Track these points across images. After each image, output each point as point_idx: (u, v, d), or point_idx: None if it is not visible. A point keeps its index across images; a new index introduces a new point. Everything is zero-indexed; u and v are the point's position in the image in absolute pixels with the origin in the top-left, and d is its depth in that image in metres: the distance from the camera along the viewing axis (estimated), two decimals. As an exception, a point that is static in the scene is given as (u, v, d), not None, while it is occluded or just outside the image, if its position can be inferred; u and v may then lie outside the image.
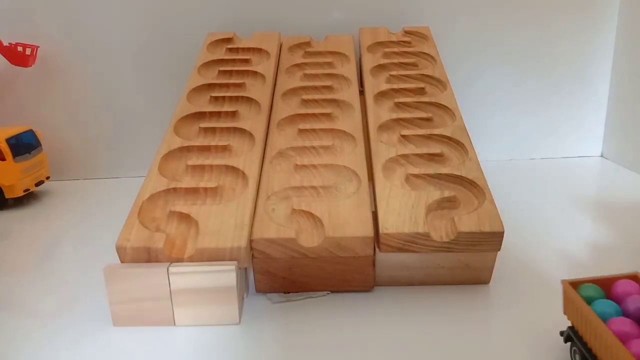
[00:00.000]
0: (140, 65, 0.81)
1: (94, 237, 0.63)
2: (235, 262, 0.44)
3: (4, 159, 0.70)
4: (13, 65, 0.78)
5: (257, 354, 0.42)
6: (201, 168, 0.54)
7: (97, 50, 0.80)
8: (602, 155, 0.86)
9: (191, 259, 0.45)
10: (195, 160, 0.55)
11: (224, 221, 0.47)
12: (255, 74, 0.69)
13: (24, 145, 0.74)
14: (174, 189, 0.51)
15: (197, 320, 0.45)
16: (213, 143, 0.57)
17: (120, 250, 0.45)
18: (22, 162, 0.72)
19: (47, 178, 0.78)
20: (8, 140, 0.71)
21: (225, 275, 0.44)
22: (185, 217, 0.48)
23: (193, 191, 0.51)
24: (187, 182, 0.52)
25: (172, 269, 0.43)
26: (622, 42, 0.80)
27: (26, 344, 0.44)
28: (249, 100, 0.65)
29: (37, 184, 0.76)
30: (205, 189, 0.51)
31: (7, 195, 0.72)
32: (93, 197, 0.79)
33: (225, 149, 0.57)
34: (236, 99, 0.65)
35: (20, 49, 0.77)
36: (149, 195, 0.50)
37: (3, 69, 0.80)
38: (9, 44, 0.77)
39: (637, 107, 0.78)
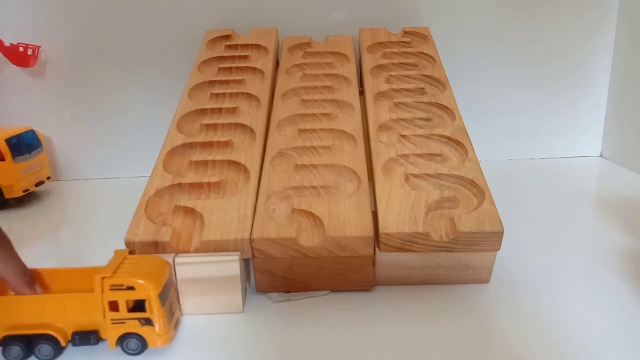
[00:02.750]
0: (140, 64, 0.81)
1: (95, 237, 0.63)
2: (238, 253, 0.45)
3: (3, 159, 0.70)
4: (14, 65, 0.78)
5: (258, 352, 0.42)
6: (204, 163, 0.55)
7: (98, 50, 0.80)
8: (601, 155, 0.86)
9: (197, 251, 0.46)
10: (198, 156, 0.56)
11: (228, 214, 0.48)
12: (254, 70, 0.70)
13: (24, 145, 0.74)
14: (179, 184, 0.52)
15: (203, 309, 0.46)
16: (215, 139, 0.58)
17: (129, 245, 0.46)
18: (22, 162, 0.72)
19: (48, 178, 0.79)
20: (8, 140, 0.71)
21: (229, 265, 0.45)
22: (190, 211, 0.50)
23: (197, 186, 0.52)
24: (191, 177, 0.54)
25: (178, 260, 0.44)
26: (621, 42, 0.80)
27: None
28: (248, 96, 0.65)
29: (37, 184, 0.76)
30: (209, 183, 0.52)
31: (7, 195, 0.72)
32: (93, 197, 0.79)
33: (227, 144, 0.58)
34: (236, 95, 0.65)
35: (21, 49, 0.77)
36: (155, 191, 0.51)
37: (4, 69, 0.80)
38: (10, 44, 0.77)
39: (636, 107, 0.78)
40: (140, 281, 0.39)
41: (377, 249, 0.47)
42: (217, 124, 0.60)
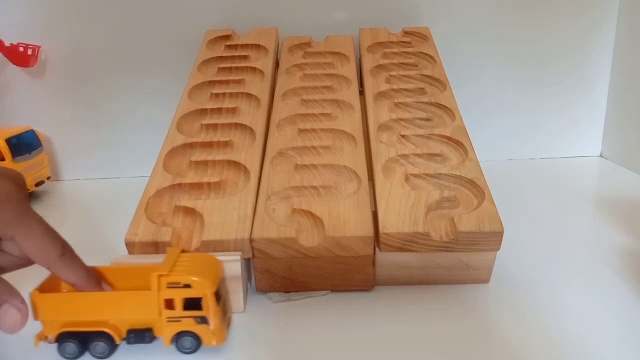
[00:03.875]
0: (140, 64, 0.81)
1: (95, 237, 0.63)
2: (240, 252, 0.45)
3: (3, 159, 0.70)
4: (14, 65, 0.78)
5: (258, 352, 0.42)
6: (204, 163, 0.55)
7: (98, 50, 0.80)
8: (601, 155, 0.86)
9: (197, 251, 0.46)
10: (198, 156, 0.56)
11: (228, 214, 0.48)
12: (254, 70, 0.70)
13: (24, 145, 0.74)
14: (179, 184, 0.52)
15: None
16: (215, 139, 0.58)
17: (129, 245, 0.46)
18: (21, 162, 0.72)
19: (48, 178, 0.79)
20: (8, 140, 0.71)
21: (231, 265, 0.45)
22: (190, 212, 0.50)
23: (197, 186, 0.52)
24: (191, 177, 0.54)
25: None
26: (621, 42, 0.80)
27: (31, 343, 0.44)
28: (248, 96, 0.65)
29: (37, 184, 0.76)
30: (209, 183, 0.52)
31: (8, 195, 0.72)
32: (93, 197, 0.79)
33: (227, 144, 0.58)
34: (236, 95, 0.65)
35: (21, 48, 0.77)
36: (155, 191, 0.51)
37: (4, 69, 0.80)
38: (10, 44, 0.77)
39: (636, 107, 0.78)
40: (197, 279, 0.39)
41: (377, 249, 0.47)
42: (217, 124, 0.60)
